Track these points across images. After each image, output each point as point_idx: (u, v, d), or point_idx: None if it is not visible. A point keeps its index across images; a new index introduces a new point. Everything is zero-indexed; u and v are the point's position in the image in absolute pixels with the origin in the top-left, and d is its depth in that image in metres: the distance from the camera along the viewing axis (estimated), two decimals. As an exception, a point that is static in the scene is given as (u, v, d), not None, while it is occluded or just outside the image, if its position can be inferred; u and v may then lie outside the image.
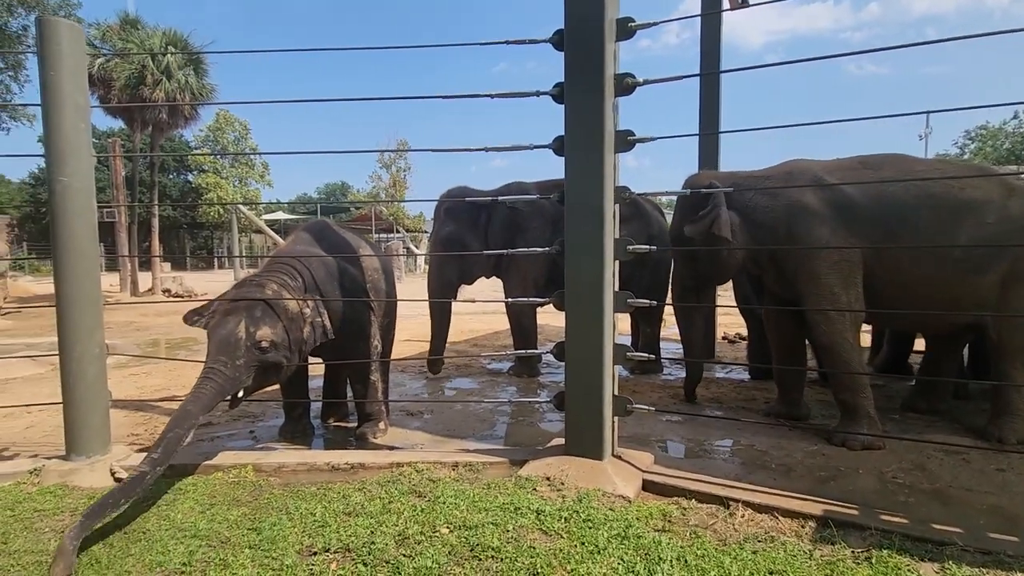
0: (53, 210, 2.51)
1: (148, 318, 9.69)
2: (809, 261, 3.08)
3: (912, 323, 3.64)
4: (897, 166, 3.20)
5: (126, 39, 14.39)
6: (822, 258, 3.05)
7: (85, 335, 2.58)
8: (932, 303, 3.06)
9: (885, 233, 3.04)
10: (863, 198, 3.08)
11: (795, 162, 3.38)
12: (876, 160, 3.26)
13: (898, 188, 3.04)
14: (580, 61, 2.38)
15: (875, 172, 3.17)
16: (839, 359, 3.06)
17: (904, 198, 3.04)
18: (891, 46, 3.35)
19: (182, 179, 33.53)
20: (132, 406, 4.00)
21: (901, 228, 3.03)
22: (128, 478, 2.10)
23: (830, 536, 1.94)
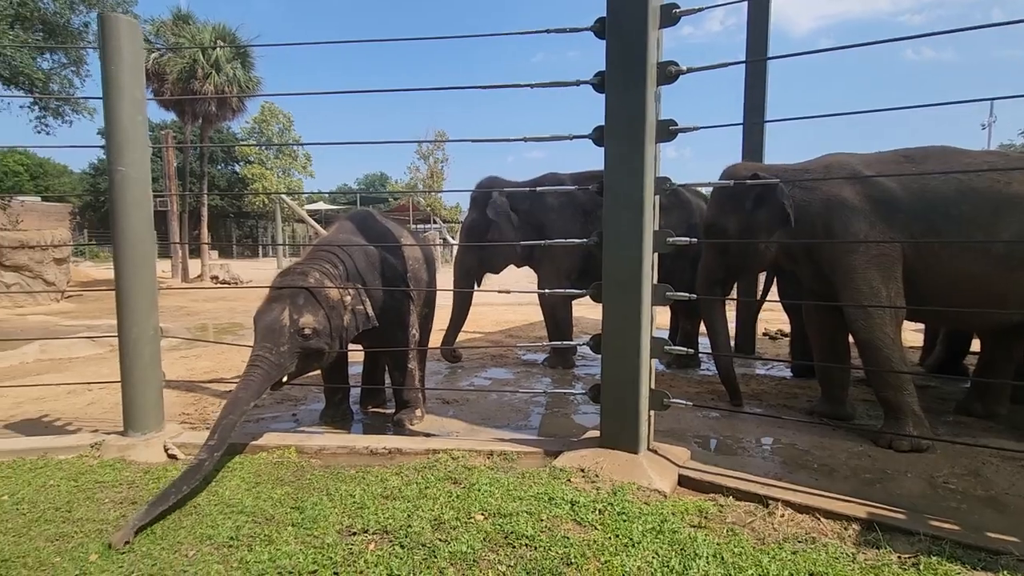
0: (112, 199, 2.64)
1: (197, 303, 10.11)
2: (846, 256, 3.01)
3: (957, 320, 3.50)
4: (941, 159, 3.07)
5: (178, 34, 14.94)
6: (860, 252, 2.98)
7: (142, 318, 2.71)
8: (976, 300, 2.94)
9: (926, 228, 2.94)
10: (903, 192, 2.98)
11: (834, 156, 3.30)
12: (919, 153, 3.14)
13: (940, 182, 2.94)
14: (622, 49, 2.34)
15: (917, 166, 3.06)
16: (879, 355, 2.96)
17: (946, 192, 2.93)
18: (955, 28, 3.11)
19: (229, 170, 34.65)
20: (183, 387, 4.19)
21: (943, 223, 2.92)
22: (188, 466, 2.21)
23: (875, 540, 1.88)
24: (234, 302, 10.12)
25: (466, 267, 5.11)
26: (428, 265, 3.64)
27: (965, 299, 2.97)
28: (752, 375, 4.60)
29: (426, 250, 3.73)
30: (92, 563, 1.76)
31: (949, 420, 3.37)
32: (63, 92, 10.42)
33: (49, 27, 10.04)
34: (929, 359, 4.57)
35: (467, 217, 5.16)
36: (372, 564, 1.72)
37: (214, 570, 1.71)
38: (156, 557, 1.79)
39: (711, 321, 3.75)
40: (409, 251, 3.45)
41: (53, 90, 10.19)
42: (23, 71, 9.55)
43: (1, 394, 4.01)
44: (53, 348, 5.48)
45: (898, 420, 2.92)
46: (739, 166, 3.62)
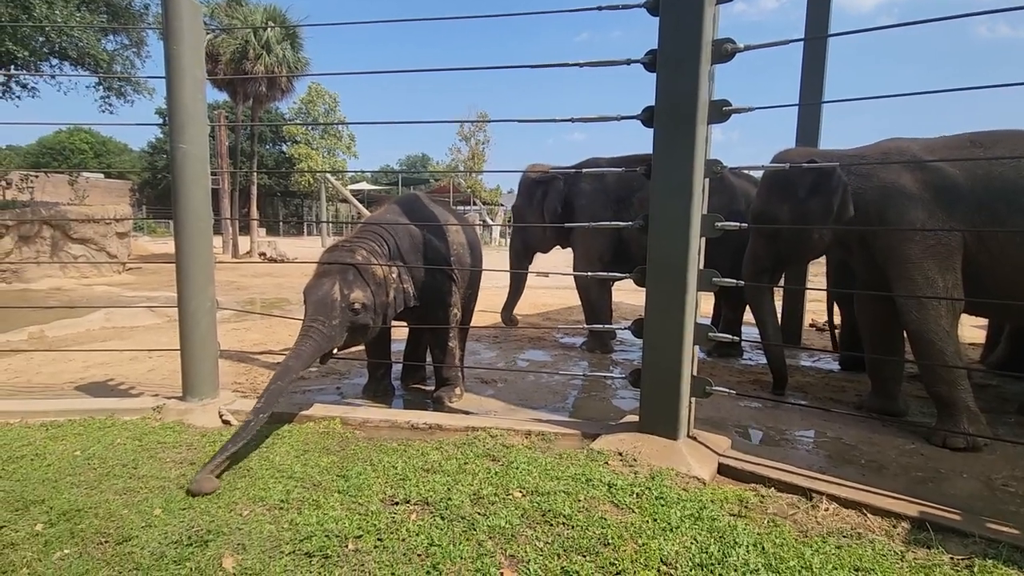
0: (174, 175, 2.76)
1: (246, 278, 10.51)
2: (901, 245, 2.89)
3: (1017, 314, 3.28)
4: (1012, 144, 2.86)
5: (232, 15, 15.32)
6: (916, 241, 2.85)
7: (199, 290, 2.84)
8: None
9: (990, 217, 2.78)
10: (967, 179, 2.82)
11: (892, 141, 3.14)
12: (988, 138, 2.94)
13: (1008, 168, 2.76)
14: (676, 26, 2.27)
15: (986, 151, 2.87)
16: (932, 349, 2.82)
17: (1015, 179, 2.75)
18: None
19: (277, 149, 35.54)
20: (235, 357, 4.38)
21: (1010, 212, 2.75)
22: (239, 427, 2.32)
23: (926, 539, 1.81)
24: (280, 278, 10.47)
25: (515, 249, 5.49)
26: (472, 250, 3.66)
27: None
28: (797, 366, 4.47)
29: (471, 235, 3.75)
30: (157, 516, 1.88)
31: (1011, 420, 3.21)
32: (125, 72, 10.87)
33: (113, 9, 10.46)
34: (991, 356, 4.34)
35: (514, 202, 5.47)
36: (414, 533, 1.77)
37: (266, 530, 1.80)
38: (213, 515, 1.89)
39: (760, 310, 3.63)
40: (454, 235, 3.48)
41: (116, 70, 10.64)
42: (90, 52, 10.00)
43: (72, 358, 4.29)
44: (116, 317, 5.82)
45: (952, 417, 2.80)
46: (793, 152, 3.50)
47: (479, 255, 3.79)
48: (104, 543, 1.74)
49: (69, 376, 3.83)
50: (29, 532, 1.79)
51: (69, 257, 10.10)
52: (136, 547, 1.71)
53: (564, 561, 1.65)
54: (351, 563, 1.65)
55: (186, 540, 1.74)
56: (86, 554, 1.69)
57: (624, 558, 1.66)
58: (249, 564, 1.64)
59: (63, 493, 2.02)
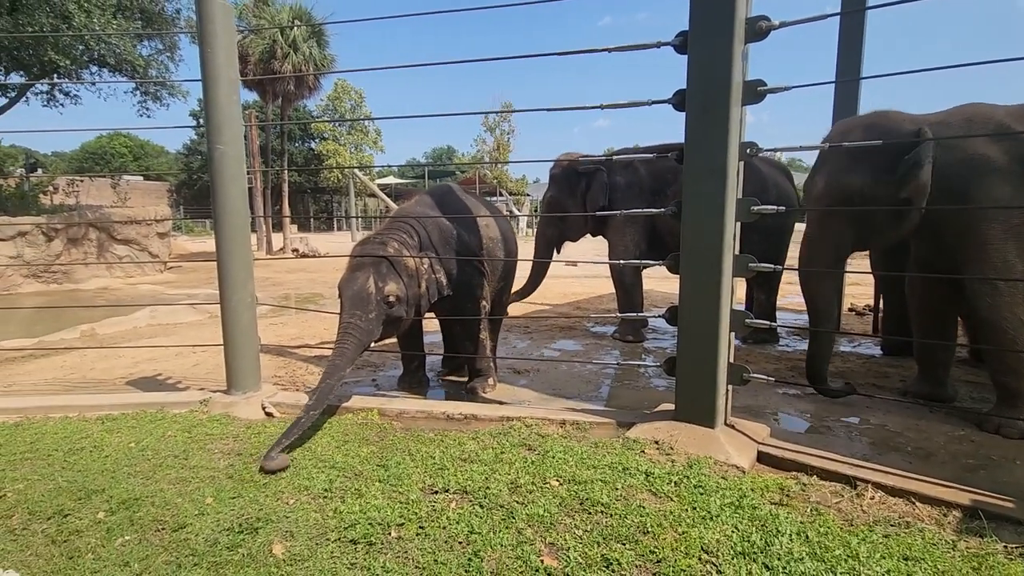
0: (212, 174, 2.84)
1: (280, 274, 10.75)
2: (981, 224, 2.66)
3: None
4: None
5: (259, 15, 15.58)
6: (1000, 222, 2.62)
7: (240, 286, 2.93)
8: None
9: None
10: None
11: (975, 106, 2.86)
12: None
13: None
14: (709, 4, 2.22)
15: None
16: (1005, 337, 2.66)
17: None
18: None
19: (306, 147, 36.14)
20: (273, 351, 4.50)
21: None
22: (292, 424, 2.41)
23: (978, 528, 1.76)
24: (314, 273, 10.68)
25: (547, 238, 5.38)
26: (506, 242, 3.65)
27: None
28: (837, 352, 4.36)
29: (504, 227, 3.74)
30: (208, 505, 1.96)
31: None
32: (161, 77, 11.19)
33: (146, 15, 10.76)
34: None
35: (547, 192, 5.34)
36: (454, 521, 1.81)
37: (312, 518, 1.86)
38: (261, 503, 1.96)
39: (819, 300, 3.11)
40: (485, 228, 3.48)
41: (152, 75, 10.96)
42: (127, 58, 10.32)
43: (122, 354, 4.48)
44: (161, 314, 6.05)
45: (1013, 406, 2.67)
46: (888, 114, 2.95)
47: (513, 247, 3.78)
48: (161, 530, 1.83)
49: (120, 372, 4.00)
50: (92, 520, 1.89)
51: (114, 258, 10.52)
52: (191, 534, 1.79)
53: (604, 549, 1.66)
54: (394, 550, 1.69)
55: (237, 527, 1.81)
56: (145, 540, 1.78)
57: (664, 546, 1.66)
58: (298, 550, 1.70)
59: (121, 483, 2.12)
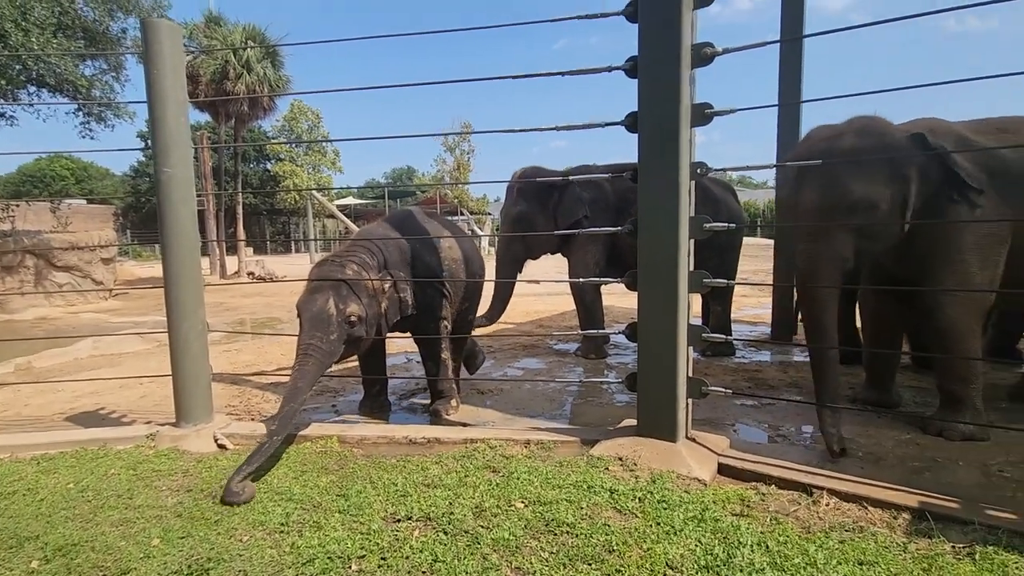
0: (160, 198, 2.73)
1: (236, 299, 10.42)
2: (954, 235, 2.69)
3: None
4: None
5: (210, 36, 15.29)
6: (970, 231, 2.66)
7: (190, 313, 2.81)
8: None
9: None
10: (1017, 163, 2.70)
11: (933, 120, 2.91)
12: (1012, 123, 2.92)
13: None
14: (656, 32, 2.30)
15: (1015, 137, 2.81)
16: (959, 346, 2.76)
17: None
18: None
19: (261, 168, 35.40)
20: (227, 379, 4.33)
21: None
22: (253, 451, 2.33)
23: (927, 529, 1.83)
24: (270, 297, 10.40)
25: (514, 255, 5.21)
26: (469, 263, 3.63)
27: None
28: (791, 362, 4.51)
29: (468, 248, 3.73)
30: (155, 547, 1.85)
31: (1004, 406, 3.25)
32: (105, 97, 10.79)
33: (90, 34, 10.38)
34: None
35: (514, 207, 5.06)
36: (417, 550, 1.76)
37: (267, 555, 1.78)
38: (213, 542, 1.87)
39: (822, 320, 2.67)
40: (447, 249, 3.47)
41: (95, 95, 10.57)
42: (68, 78, 9.92)
43: (60, 388, 4.22)
44: (105, 344, 5.74)
45: (955, 411, 2.80)
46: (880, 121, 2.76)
47: (477, 268, 3.76)
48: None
49: (59, 407, 3.76)
50: (24, 570, 1.75)
51: (54, 286, 9.96)
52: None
53: (570, 571, 1.64)
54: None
55: (186, 570, 1.72)
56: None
57: (630, 564, 1.66)
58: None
59: (58, 528, 1.99)
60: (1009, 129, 2.88)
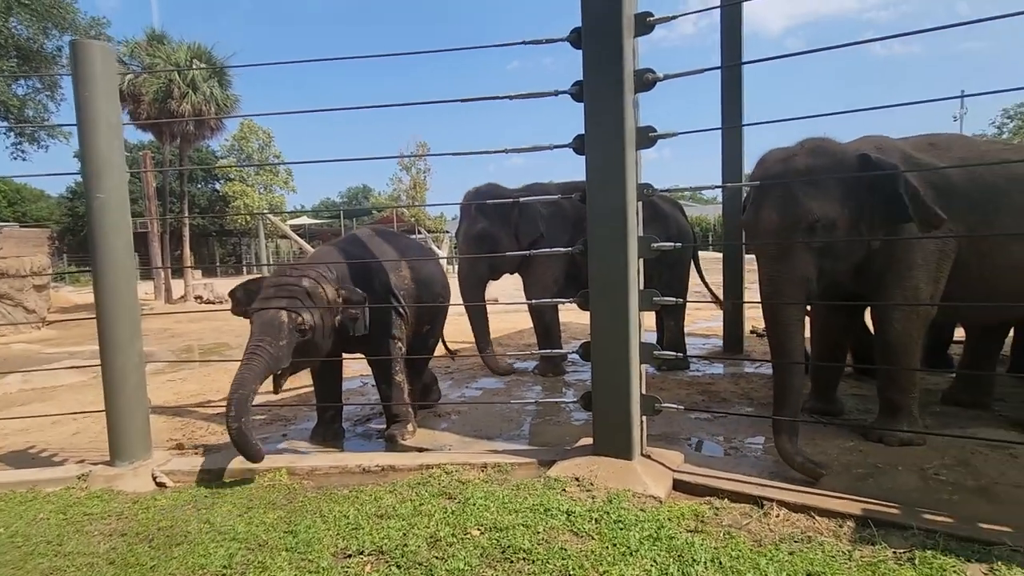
0: (91, 226, 2.60)
1: (182, 324, 9.96)
2: (908, 251, 2.76)
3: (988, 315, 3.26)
4: (964, 147, 3.04)
5: (153, 54, 14.82)
6: (920, 248, 2.75)
7: (125, 345, 2.67)
8: (1014, 292, 2.88)
9: (980, 218, 2.79)
10: (960, 180, 2.81)
11: (879, 137, 2.99)
12: (943, 140, 3.08)
13: (986, 169, 2.84)
14: (599, 58, 2.36)
15: (946, 152, 2.96)
16: (903, 358, 2.87)
17: (996, 180, 2.83)
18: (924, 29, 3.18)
19: (210, 188, 34.35)
20: (169, 412, 4.12)
21: (995, 212, 2.82)
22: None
23: (870, 536, 1.89)
24: (219, 322, 9.99)
25: (479, 275, 5.03)
26: (429, 285, 3.60)
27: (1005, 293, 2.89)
28: (741, 373, 4.63)
29: (431, 270, 3.70)
30: (81, 600, 1.72)
31: (936, 411, 3.42)
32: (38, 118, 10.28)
33: (23, 53, 9.92)
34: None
35: (474, 225, 4.94)
36: (369, 587, 1.70)
37: (207, 601, 1.68)
38: (147, 591, 1.75)
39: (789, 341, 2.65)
40: (406, 270, 3.45)
41: (28, 116, 10.05)
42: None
43: (-18, 428, 3.91)
44: (37, 377, 5.38)
45: (894, 418, 2.92)
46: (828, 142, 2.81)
47: (440, 289, 3.71)
48: (20, 638, 1.57)
49: (-20, 449, 3.48)
50: (-71, 635, 1.59)
51: (-21, 316, 9.30)
52: (58, 638, 1.55)
53: (526, 599, 1.61)
54: (302, 628, 1.55)
55: (116, 624, 1.60)
56: (-2, 653, 1.52)
57: (586, 589, 1.64)
58: (188, 643, 1.51)
59: (-28, 584, 1.82)
60: (938, 145, 3.04)
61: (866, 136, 3.03)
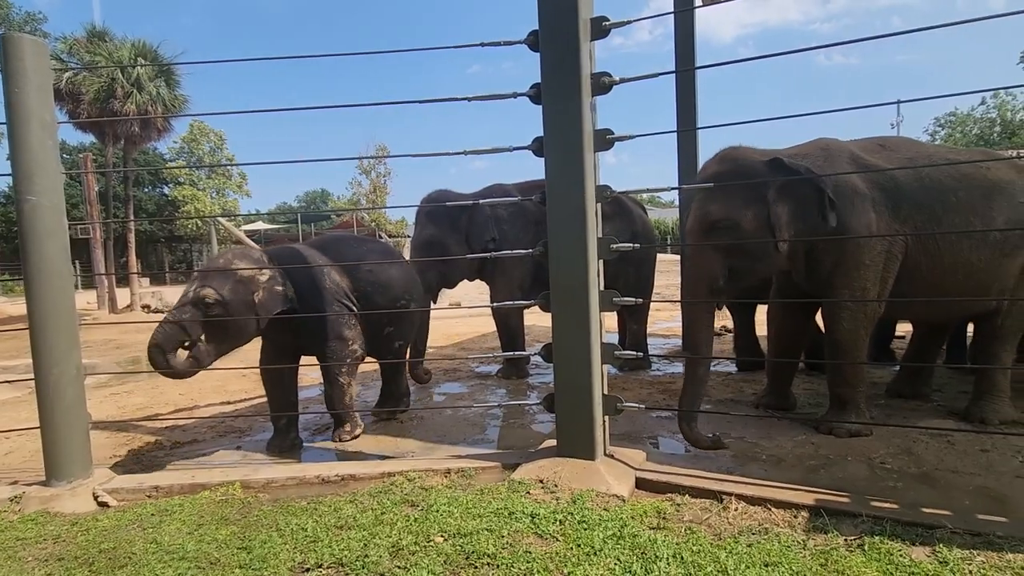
0: (22, 230, 2.44)
1: (128, 335, 9.49)
2: (853, 251, 2.82)
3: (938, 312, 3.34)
4: (911, 148, 3.17)
5: (94, 52, 14.09)
6: (867, 248, 2.82)
7: (61, 357, 2.51)
8: (967, 289, 2.96)
9: (929, 217, 2.87)
10: (907, 180, 2.89)
11: (828, 140, 3.09)
12: (891, 142, 3.20)
13: (934, 170, 2.94)
14: (556, 62, 2.38)
15: (894, 154, 3.06)
16: (851, 355, 2.98)
17: (942, 180, 2.93)
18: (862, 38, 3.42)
19: (158, 192, 32.96)
20: (113, 427, 3.91)
21: (943, 211, 2.89)
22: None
23: (823, 525, 1.95)
24: (169, 332, 9.57)
25: (427, 283, 4.71)
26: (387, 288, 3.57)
27: (954, 290, 2.95)
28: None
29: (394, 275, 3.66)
30: (12, 632, 1.60)
31: (881, 403, 3.58)
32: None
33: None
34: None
35: (422, 232, 4.85)
36: (328, 601, 1.64)
37: (154, 625, 1.59)
38: (87, 618, 1.64)
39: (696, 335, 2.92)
40: (366, 271, 3.48)
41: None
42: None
43: (-100, 450, 3.62)
44: (-38, 395, 5.00)
45: (843, 411, 3.04)
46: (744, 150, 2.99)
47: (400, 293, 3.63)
48: (-59, 677, 1.45)
49: (-103, 473, 3.21)
50: None
51: (-102, 330, 8.62)
52: (-15, 675, 1.44)
53: (491, 605, 1.59)
54: (257, 648, 1.48)
55: (52, 655, 1.49)
56: None
57: (551, 591, 1.63)
58: (133, 671, 1.43)
59: None
60: (887, 146, 3.16)
61: (819, 138, 3.16)
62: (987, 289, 3.00)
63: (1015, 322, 3.14)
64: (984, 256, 2.96)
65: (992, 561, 1.70)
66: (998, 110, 27.32)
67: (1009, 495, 2.30)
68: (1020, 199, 3.00)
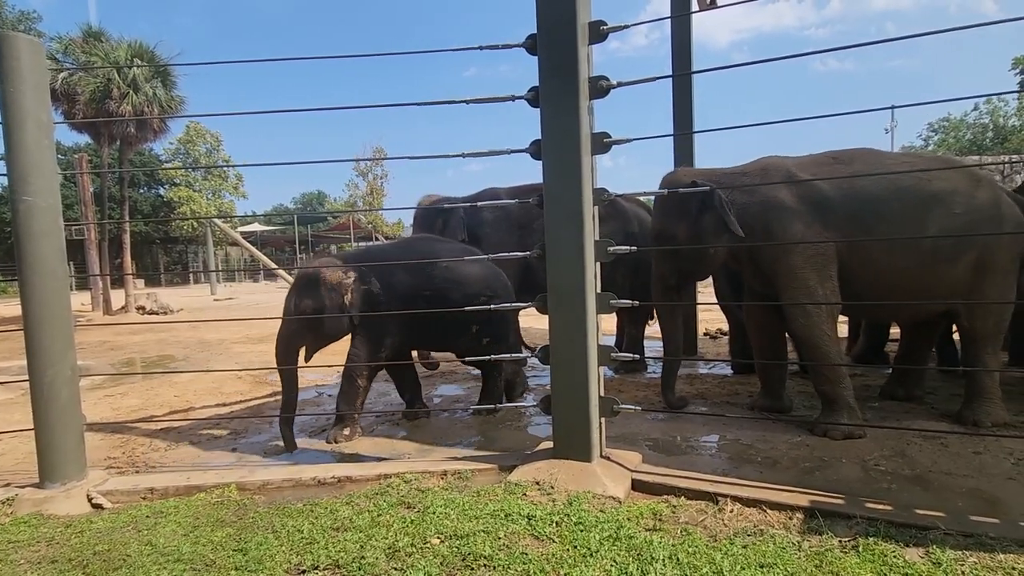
0: (17, 231, 2.43)
1: (122, 337, 9.45)
2: (786, 256, 3.13)
3: (887, 313, 3.70)
4: (867, 160, 3.26)
5: (90, 52, 14.04)
6: (798, 253, 3.09)
7: (56, 358, 2.50)
8: (906, 292, 3.13)
9: (859, 226, 3.10)
10: (836, 193, 3.13)
11: (768, 159, 3.42)
12: (847, 155, 3.31)
13: (869, 182, 3.10)
14: (554, 65, 2.39)
15: (846, 167, 3.22)
16: (817, 351, 3.11)
17: (876, 191, 3.10)
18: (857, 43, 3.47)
19: (153, 193, 32.86)
20: (108, 428, 3.89)
21: (874, 221, 3.10)
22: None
23: (817, 526, 1.96)
24: (164, 333, 9.54)
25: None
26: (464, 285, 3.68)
27: (896, 292, 3.16)
28: (696, 374, 4.75)
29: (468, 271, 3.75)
30: (5, 635, 1.59)
31: (875, 405, 3.60)
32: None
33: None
34: (854, 349, 4.88)
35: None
36: (324, 602, 1.64)
37: (149, 627, 1.58)
38: (81, 620, 1.63)
39: (666, 325, 3.80)
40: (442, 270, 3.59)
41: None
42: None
43: None
44: (-46, 396, 4.97)
45: (834, 410, 3.08)
46: (680, 172, 3.65)
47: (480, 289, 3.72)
48: None
49: None
50: None
51: None
52: (-22, 677, 1.43)
53: (487, 606, 1.59)
54: (253, 650, 1.48)
55: (46, 657, 1.48)
56: None
57: (547, 593, 1.63)
58: (128, 673, 1.42)
59: None
60: (842, 160, 3.30)
61: (763, 157, 3.45)
62: (932, 291, 3.13)
63: (983, 324, 3.19)
64: (919, 263, 3.12)
65: (984, 562, 1.72)
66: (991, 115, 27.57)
67: (1001, 496, 2.32)
68: (956, 210, 3.09)
